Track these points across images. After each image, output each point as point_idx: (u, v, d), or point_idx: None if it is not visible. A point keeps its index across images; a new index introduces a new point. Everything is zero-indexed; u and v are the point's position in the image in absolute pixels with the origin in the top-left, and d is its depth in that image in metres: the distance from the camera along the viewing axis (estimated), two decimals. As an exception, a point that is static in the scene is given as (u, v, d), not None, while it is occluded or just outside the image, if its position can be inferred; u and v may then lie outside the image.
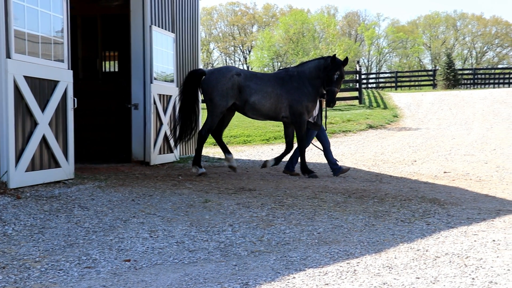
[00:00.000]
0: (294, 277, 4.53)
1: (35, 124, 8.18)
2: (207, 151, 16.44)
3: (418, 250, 5.37)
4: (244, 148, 18.16)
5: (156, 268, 4.85)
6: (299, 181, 10.21)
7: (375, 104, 31.67)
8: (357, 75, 31.44)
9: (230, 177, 10.61)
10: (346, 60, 10.66)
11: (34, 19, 8.22)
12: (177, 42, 13.49)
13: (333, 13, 77.08)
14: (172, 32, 13.17)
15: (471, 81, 48.94)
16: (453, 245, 5.56)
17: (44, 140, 8.37)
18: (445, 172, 11.97)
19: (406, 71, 59.94)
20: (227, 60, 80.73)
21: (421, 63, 77.21)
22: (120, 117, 13.22)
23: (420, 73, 57.52)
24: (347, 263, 4.93)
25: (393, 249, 5.40)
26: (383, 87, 49.24)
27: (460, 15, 77.12)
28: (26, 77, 7.96)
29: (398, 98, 34.92)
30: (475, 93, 36.12)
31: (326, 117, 12.04)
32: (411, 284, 4.32)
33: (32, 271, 4.69)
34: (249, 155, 16.10)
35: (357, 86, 31.30)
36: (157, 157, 12.13)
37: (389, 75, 57.51)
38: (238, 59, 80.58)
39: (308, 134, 11.16)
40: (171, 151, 12.82)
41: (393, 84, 49.23)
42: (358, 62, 36.22)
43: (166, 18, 12.89)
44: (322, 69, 10.64)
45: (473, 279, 4.43)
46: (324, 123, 11.72)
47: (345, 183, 10.06)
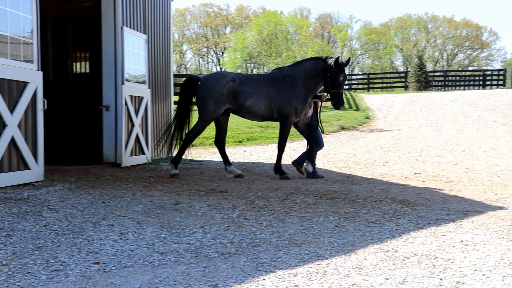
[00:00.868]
0: (264, 279, 4.54)
1: (3, 125, 8.07)
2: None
3: (387, 251, 5.41)
4: (216, 149, 18.01)
5: (126, 270, 4.82)
6: (270, 182, 10.23)
7: (347, 106, 31.88)
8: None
9: (201, 179, 10.59)
10: (348, 61, 10.79)
11: (2, 19, 8.12)
12: (149, 43, 13.43)
13: (306, 15, 77.44)
14: (144, 33, 13.10)
15: (442, 83, 49.65)
16: (422, 245, 5.62)
17: (13, 141, 8.27)
18: (415, 174, 12.08)
19: (378, 73, 60.44)
20: (200, 62, 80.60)
21: (393, 65, 77.89)
22: (91, 119, 13.12)
23: (392, 75, 58.14)
24: (317, 264, 4.95)
25: (363, 250, 5.43)
26: (355, 89, 49.53)
27: (432, 17, 77.98)
28: (-6, 78, 7.87)
29: (370, 100, 35.23)
30: (445, 95, 36.60)
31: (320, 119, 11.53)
32: (380, 285, 4.36)
33: (-1, 274, 4.63)
34: (220, 156, 16.00)
35: (330, 88, 31.36)
36: (128, 158, 12.06)
37: (361, 76, 57.86)
38: (211, 60, 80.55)
39: (316, 135, 11.18)
40: (143, 153, 12.75)
41: (366, 86, 49.62)
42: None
43: (138, 19, 12.82)
44: (322, 70, 10.68)
45: (441, 279, 4.49)
46: (321, 125, 11.45)
47: (316, 184, 10.09)
